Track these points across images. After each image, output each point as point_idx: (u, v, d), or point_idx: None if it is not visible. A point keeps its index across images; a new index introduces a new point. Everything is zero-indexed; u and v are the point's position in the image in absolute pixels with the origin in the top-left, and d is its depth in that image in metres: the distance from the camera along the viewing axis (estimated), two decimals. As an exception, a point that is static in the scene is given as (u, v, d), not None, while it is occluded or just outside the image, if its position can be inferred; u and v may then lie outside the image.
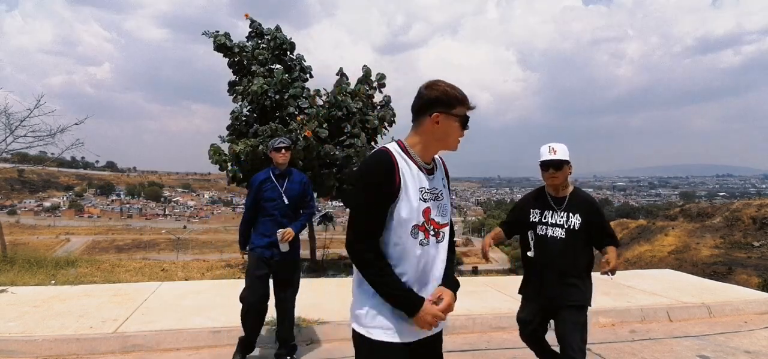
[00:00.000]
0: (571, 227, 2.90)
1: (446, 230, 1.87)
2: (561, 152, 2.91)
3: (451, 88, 1.75)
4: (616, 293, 6.13)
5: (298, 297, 4.04)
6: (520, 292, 3.17)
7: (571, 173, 2.96)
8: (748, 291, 6.83)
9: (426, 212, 1.77)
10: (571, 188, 3.00)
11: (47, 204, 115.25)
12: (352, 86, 12.08)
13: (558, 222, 2.93)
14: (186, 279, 8.60)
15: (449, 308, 1.78)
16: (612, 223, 3.71)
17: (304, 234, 4.36)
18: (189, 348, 4.29)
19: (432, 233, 1.80)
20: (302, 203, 3.97)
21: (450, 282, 1.87)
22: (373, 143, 11.93)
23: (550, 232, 2.93)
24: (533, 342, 3.18)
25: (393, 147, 1.79)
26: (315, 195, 12.46)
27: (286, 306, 3.90)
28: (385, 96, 12.57)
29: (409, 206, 1.73)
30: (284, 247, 3.75)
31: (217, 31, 11.97)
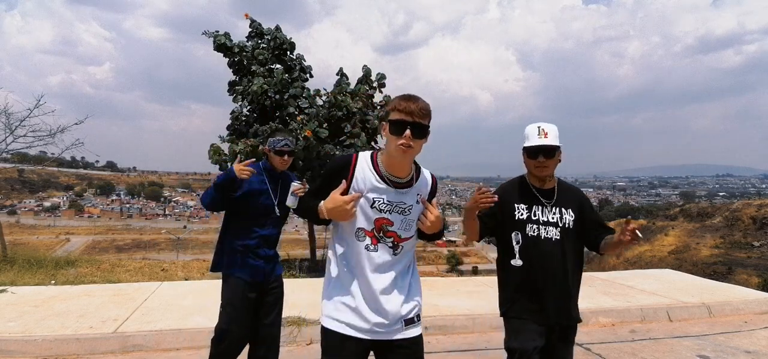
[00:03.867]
0: (566, 224, 2.40)
1: (407, 244, 1.95)
2: (553, 135, 2.34)
3: (396, 98, 1.84)
4: (616, 293, 6.13)
5: (298, 297, 3.86)
6: (504, 314, 2.48)
7: (560, 161, 2.42)
8: (748, 291, 6.83)
9: (379, 221, 1.88)
10: (556, 180, 2.50)
11: (47, 204, 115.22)
12: (352, 86, 12.08)
13: (551, 220, 2.40)
14: (186, 279, 8.59)
15: (432, 213, 1.93)
16: (611, 223, 3.33)
17: (303, 234, 3.96)
18: (189, 348, 4.29)
19: (385, 242, 1.90)
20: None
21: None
22: (373, 143, 11.93)
23: (543, 232, 2.37)
24: None
25: (363, 155, 1.95)
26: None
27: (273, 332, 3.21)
28: (386, 96, 12.56)
29: (357, 210, 1.87)
30: (292, 201, 2.71)
31: (217, 31, 11.97)
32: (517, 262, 2.40)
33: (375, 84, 12.31)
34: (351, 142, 11.24)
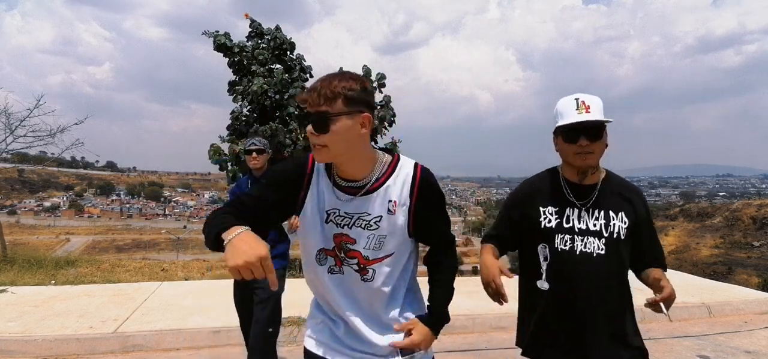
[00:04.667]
0: (615, 234, 1.72)
1: (381, 266, 1.46)
2: (597, 109, 1.67)
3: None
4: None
5: (297, 297, 3.91)
6: (525, 353, 1.90)
7: (607, 145, 1.74)
8: (748, 291, 6.83)
9: (338, 238, 1.45)
10: (603, 172, 1.82)
11: (47, 204, 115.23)
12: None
13: (592, 228, 1.73)
14: (186, 279, 8.59)
15: (413, 344, 1.46)
16: None
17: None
18: (189, 348, 4.29)
19: (349, 265, 1.47)
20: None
21: (427, 316, 1.53)
22: (372, 143, 11.94)
23: (579, 245, 1.73)
24: None
25: None
26: None
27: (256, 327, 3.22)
28: (385, 96, 12.57)
29: (312, 229, 1.47)
30: (292, 237, 3.19)
31: (217, 31, 11.97)
32: (543, 285, 1.77)
33: (375, 84, 12.31)
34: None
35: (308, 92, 1.33)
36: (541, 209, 1.80)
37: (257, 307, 3.18)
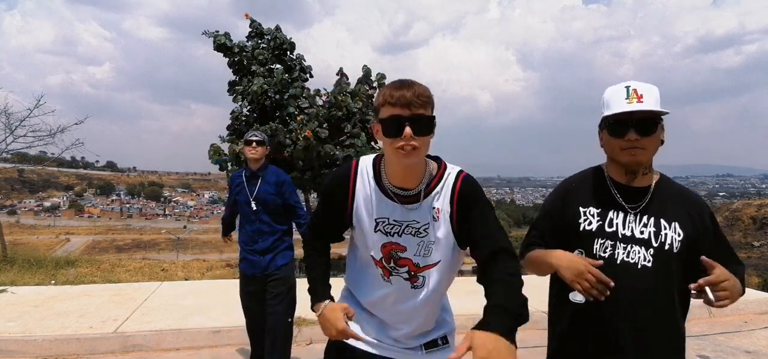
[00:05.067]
0: (667, 244, 1.47)
1: (431, 273, 1.47)
2: (652, 99, 1.44)
3: (387, 87, 1.37)
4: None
5: (298, 297, 3.90)
6: None
7: (663, 142, 1.51)
8: (748, 290, 6.83)
9: (387, 247, 1.45)
10: (657, 175, 1.57)
11: (47, 204, 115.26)
12: (352, 86, 12.09)
13: (640, 235, 1.49)
14: (186, 279, 8.59)
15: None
16: None
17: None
18: (189, 348, 4.29)
19: (398, 274, 1.47)
20: (280, 209, 3.32)
21: (485, 323, 1.17)
22: (372, 143, 11.94)
23: (622, 253, 1.49)
24: None
25: (364, 161, 1.52)
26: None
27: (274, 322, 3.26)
28: (385, 96, 12.59)
29: (362, 237, 1.50)
30: None
31: (217, 31, 11.98)
32: (576, 297, 1.51)
33: (375, 84, 12.31)
34: (351, 142, 11.24)
35: (404, 91, 1.30)
36: (582, 209, 1.57)
37: (273, 301, 3.25)
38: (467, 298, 5.78)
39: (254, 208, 3.25)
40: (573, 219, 1.58)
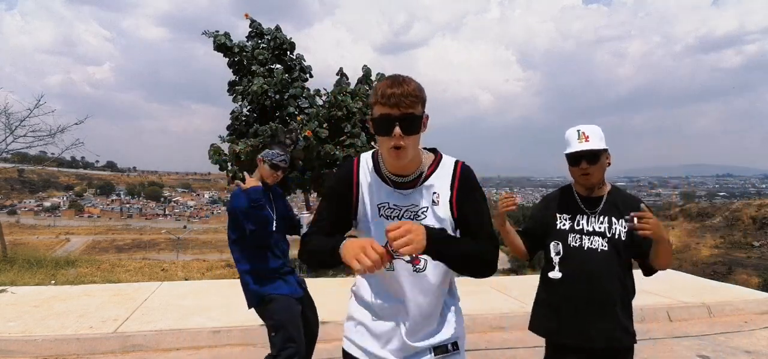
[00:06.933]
0: (616, 235, 2.11)
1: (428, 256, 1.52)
2: (595, 138, 2.08)
3: (380, 84, 1.44)
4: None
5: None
6: (537, 332, 2.32)
7: (609, 164, 2.17)
8: (748, 291, 6.83)
9: None
10: (608, 187, 2.22)
11: (47, 204, 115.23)
12: (353, 86, 12.10)
13: (597, 229, 2.14)
14: (186, 279, 8.60)
15: (404, 234, 1.29)
16: None
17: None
18: (189, 348, 4.29)
19: (401, 256, 1.48)
20: (290, 223, 3.20)
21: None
22: (373, 143, 11.95)
23: (586, 242, 2.14)
24: None
25: (365, 156, 1.64)
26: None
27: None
28: (385, 96, 12.58)
29: (366, 224, 1.58)
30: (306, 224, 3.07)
31: (217, 31, 11.98)
32: (555, 274, 2.17)
33: (375, 84, 12.33)
34: (351, 142, 11.24)
35: (394, 89, 1.38)
36: (558, 215, 2.25)
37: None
38: (467, 298, 5.80)
39: (275, 229, 3.03)
40: (552, 221, 2.24)
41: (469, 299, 5.75)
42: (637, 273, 2.21)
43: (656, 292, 6.25)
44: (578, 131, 2.11)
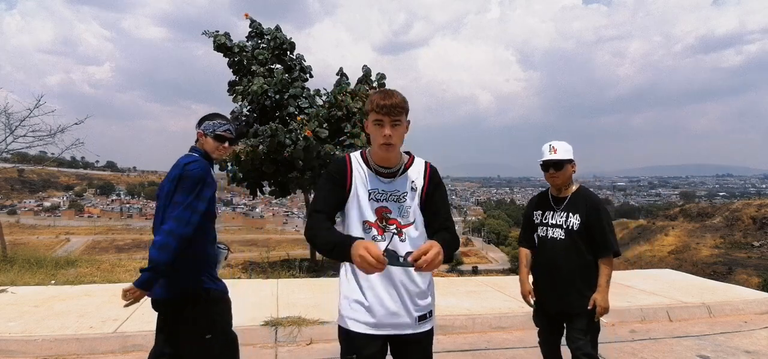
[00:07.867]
0: (570, 226, 2.74)
1: (410, 230, 1.98)
2: (562, 151, 2.76)
3: (374, 96, 1.90)
4: (615, 293, 6.12)
5: (297, 297, 3.67)
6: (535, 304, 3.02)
7: (574, 171, 2.81)
8: (748, 291, 6.83)
9: (379, 210, 1.96)
10: (575, 187, 2.85)
11: (47, 204, 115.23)
12: (352, 86, 12.10)
13: (557, 222, 2.79)
14: (186, 279, 8.58)
15: (432, 257, 1.62)
16: (614, 221, 3.61)
17: (303, 234, 2.77)
18: (189, 348, 4.28)
19: (389, 231, 1.96)
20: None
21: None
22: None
23: (549, 233, 2.81)
24: (547, 352, 3.01)
25: (354, 154, 2.05)
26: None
27: None
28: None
29: (358, 205, 1.96)
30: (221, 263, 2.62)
31: (217, 31, 11.98)
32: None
33: (375, 84, 12.32)
34: (351, 142, 11.24)
35: (386, 105, 1.84)
36: (535, 211, 2.96)
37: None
38: (467, 298, 5.79)
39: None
40: (532, 217, 2.96)
41: (468, 299, 5.75)
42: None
43: (656, 292, 6.25)
44: (550, 145, 2.79)
